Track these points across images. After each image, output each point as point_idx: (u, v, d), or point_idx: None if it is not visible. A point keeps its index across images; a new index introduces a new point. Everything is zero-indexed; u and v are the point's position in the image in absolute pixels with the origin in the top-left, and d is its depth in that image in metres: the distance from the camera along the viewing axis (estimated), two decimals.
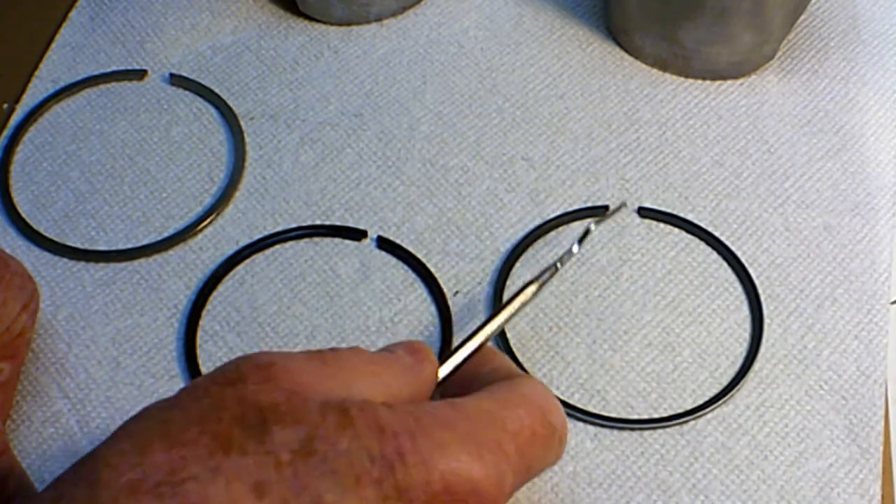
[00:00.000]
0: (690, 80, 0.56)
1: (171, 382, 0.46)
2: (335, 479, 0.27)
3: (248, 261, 0.50)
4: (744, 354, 0.47)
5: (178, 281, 0.49)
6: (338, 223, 0.51)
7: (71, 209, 0.52)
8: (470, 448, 0.29)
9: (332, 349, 0.32)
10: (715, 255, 0.50)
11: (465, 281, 0.49)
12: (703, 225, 0.51)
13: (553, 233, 0.51)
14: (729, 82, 0.56)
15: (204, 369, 0.47)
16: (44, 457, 0.45)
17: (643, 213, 0.51)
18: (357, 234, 0.51)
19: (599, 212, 0.51)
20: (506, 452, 0.30)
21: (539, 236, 0.51)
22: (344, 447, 0.28)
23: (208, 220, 0.51)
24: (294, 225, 0.51)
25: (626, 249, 0.50)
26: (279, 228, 0.51)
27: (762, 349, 0.47)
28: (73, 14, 0.60)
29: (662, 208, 0.51)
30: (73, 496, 0.27)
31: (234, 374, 0.30)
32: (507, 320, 0.41)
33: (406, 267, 0.50)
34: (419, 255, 0.50)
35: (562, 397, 0.46)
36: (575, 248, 0.46)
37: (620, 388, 0.46)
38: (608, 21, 0.59)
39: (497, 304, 0.48)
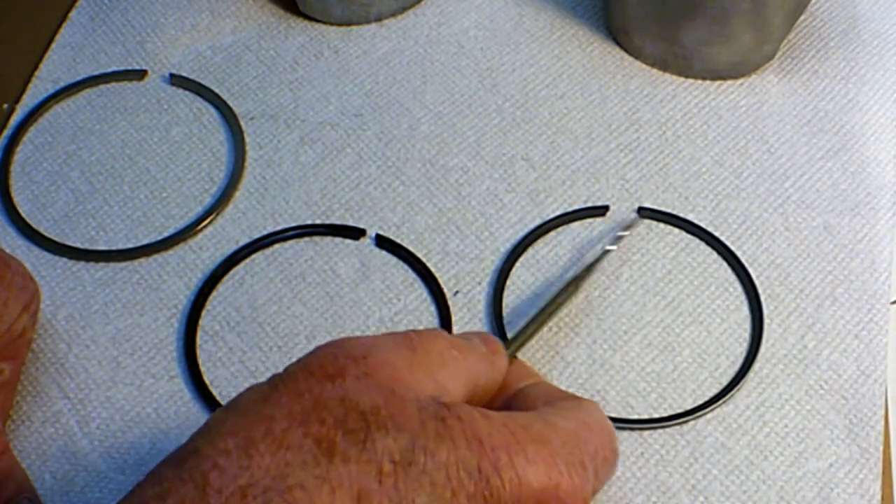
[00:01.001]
0: (690, 80, 0.56)
1: (171, 382, 0.46)
2: (433, 491, 0.28)
3: (247, 260, 0.50)
4: (744, 354, 0.47)
5: (178, 281, 0.49)
6: (338, 223, 0.51)
7: (71, 209, 0.52)
8: (561, 467, 0.30)
9: (416, 332, 0.33)
10: (715, 255, 0.50)
11: (465, 281, 0.49)
12: (703, 225, 0.51)
13: (553, 233, 0.51)
14: (729, 82, 0.56)
15: (204, 369, 0.47)
16: (44, 457, 0.45)
17: (643, 213, 0.51)
18: (356, 233, 0.51)
19: (599, 212, 0.51)
20: (588, 473, 0.31)
21: (539, 236, 0.51)
22: (443, 459, 0.28)
23: (208, 220, 0.51)
24: (294, 225, 0.51)
25: (626, 249, 0.50)
26: (279, 228, 0.51)
27: (762, 349, 0.47)
28: (73, 14, 0.60)
29: (662, 208, 0.51)
30: (182, 497, 0.27)
31: (333, 367, 0.30)
32: (551, 316, 0.44)
33: (406, 267, 0.50)
34: (419, 255, 0.50)
35: None
36: (612, 247, 0.48)
37: (620, 388, 0.46)
38: (608, 21, 0.59)
39: (497, 305, 0.48)
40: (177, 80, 0.56)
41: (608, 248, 0.48)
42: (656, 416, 0.45)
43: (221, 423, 0.29)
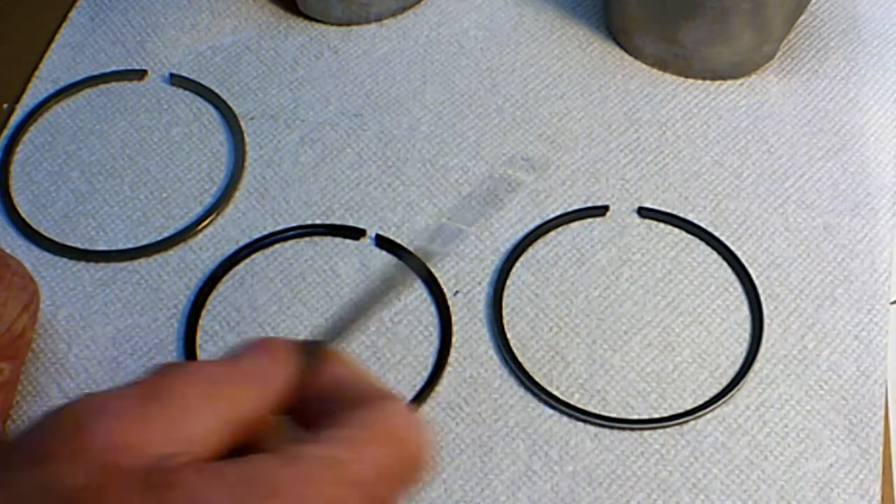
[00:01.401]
0: (690, 80, 0.56)
1: None
2: None
3: (247, 260, 0.50)
4: (744, 354, 0.47)
5: (178, 281, 0.49)
6: (338, 223, 0.51)
7: (71, 209, 0.52)
8: None
9: (164, 374, 0.28)
10: (715, 255, 0.50)
11: (465, 281, 0.49)
12: (703, 225, 0.51)
13: (553, 233, 0.51)
14: (729, 82, 0.56)
15: None
16: None
17: (643, 213, 0.51)
18: (355, 233, 0.51)
19: (599, 212, 0.51)
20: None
21: (539, 236, 0.51)
22: None
23: (208, 220, 0.51)
24: (294, 225, 0.51)
25: (626, 249, 0.50)
26: (279, 228, 0.51)
27: (762, 349, 0.47)
28: (73, 14, 0.59)
29: (662, 208, 0.51)
30: None
31: (40, 448, 0.27)
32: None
33: (406, 267, 0.50)
34: (419, 255, 0.50)
35: (562, 397, 0.46)
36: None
37: (620, 388, 0.46)
38: (608, 21, 0.59)
39: (497, 305, 0.48)
40: (177, 80, 0.56)
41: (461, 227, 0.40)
42: (656, 416, 0.45)
43: None
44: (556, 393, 0.46)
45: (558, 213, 0.51)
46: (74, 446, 0.26)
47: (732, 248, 0.50)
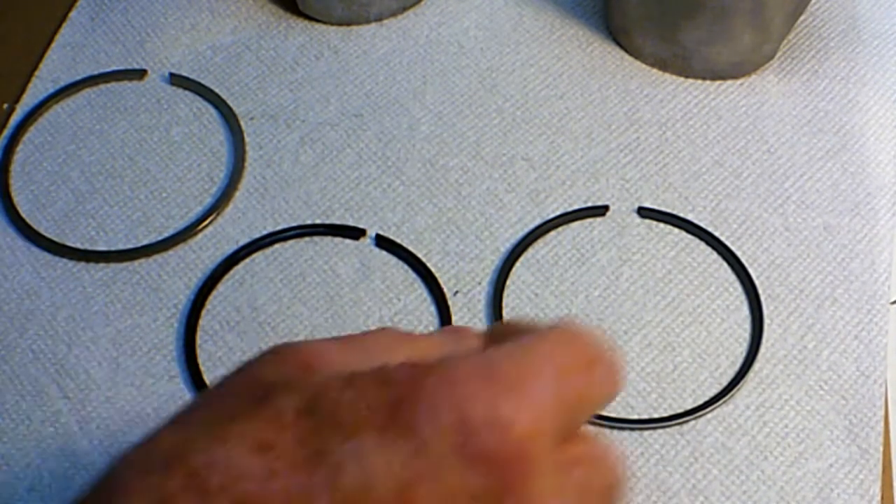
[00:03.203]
0: (690, 80, 0.56)
1: (170, 383, 0.46)
2: (337, 429, 0.26)
3: (247, 260, 0.50)
4: (744, 354, 0.47)
5: (178, 281, 0.49)
6: (337, 223, 0.51)
7: (71, 209, 0.52)
8: (483, 384, 0.26)
9: (364, 332, 0.31)
10: (715, 255, 0.50)
11: (465, 281, 0.49)
12: (703, 225, 0.51)
13: (553, 233, 0.51)
14: (729, 82, 0.56)
15: (204, 369, 0.47)
16: (43, 455, 0.45)
17: (643, 213, 0.51)
18: (356, 233, 0.51)
19: (599, 212, 0.51)
20: (532, 392, 0.27)
21: (539, 236, 0.51)
22: (348, 399, 0.26)
23: (208, 220, 0.51)
24: (294, 225, 0.51)
25: (626, 249, 0.50)
26: (278, 228, 0.51)
27: (762, 349, 0.47)
28: (73, 14, 0.59)
29: (662, 208, 0.51)
30: (85, 494, 0.27)
31: (243, 366, 0.29)
32: None
33: (406, 266, 0.50)
34: (419, 255, 0.50)
35: None
36: None
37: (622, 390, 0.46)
38: (608, 21, 0.59)
39: (497, 305, 0.48)
40: (177, 80, 0.56)
41: None
42: (656, 416, 0.45)
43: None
44: None
45: (558, 213, 0.51)
46: (281, 356, 0.29)
47: (732, 248, 0.50)
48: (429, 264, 0.50)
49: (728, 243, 0.50)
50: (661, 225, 0.51)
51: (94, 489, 0.27)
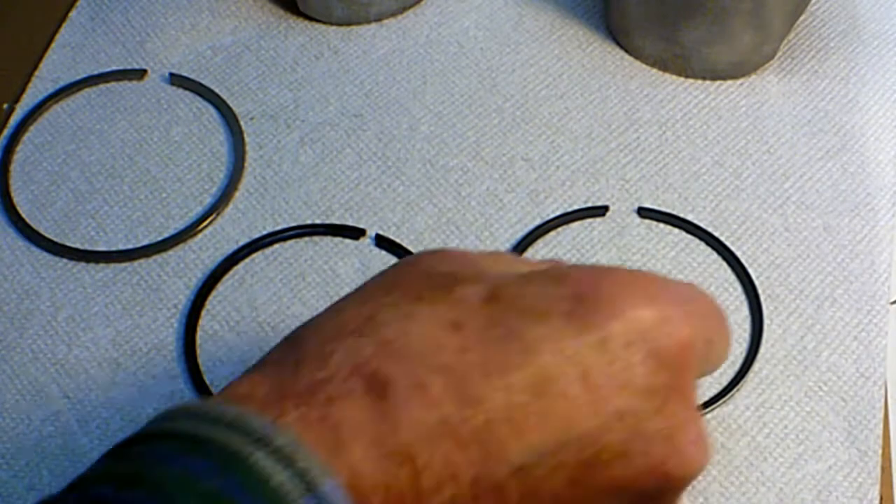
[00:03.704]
0: (690, 80, 0.56)
1: (171, 383, 0.46)
2: (526, 314, 0.27)
3: (247, 260, 0.50)
4: (743, 355, 0.47)
5: (178, 281, 0.49)
6: (337, 223, 0.51)
7: (71, 209, 0.52)
8: (654, 290, 0.29)
9: (483, 252, 0.33)
10: (715, 255, 0.50)
11: None
12: (703, 225, 0.51)
13: (553, 233, 0.51)
14: (729, 82, 0.56)
15: (204, 369, 0.47)
16: (42, 454, 0.45)
17: (643, 213, 0.51)
18: (355, 233, 0.51)
19: (599, 212, 0.51)
20: (687, 309, 0.29)
21: (539, 236, 0.51)
22: (531, 291, 0.28)
23: (208, 220, 0.51)
24: (293, 225, 0.51)
25: (626, 249, 0.50)
26: (278, 228, 0.51)
27: (762, 350, 0.47)
28: (73, 14, 0.59)
29: (662, 208, 0.51)
30: (279, 357, 0.28)
31: (411, 258, 0.31)
32: None
33: None
34: None
35: None
36: None
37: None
38: (608, 21, 0.59)
39: None
40: (177, 80, 0.56)
41: None
42: None
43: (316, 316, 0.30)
44: None
45: (558, 213, 0.51)
46: (441, 256, 0.31)
47: (732, 248, 0.50)
48: None
49: (728, 243, 0.50)
50: (661, 225, 0.51)
51: (280, 350, 0.28)
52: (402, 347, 0.27)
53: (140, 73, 0.57)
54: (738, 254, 0.50)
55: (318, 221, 0.51)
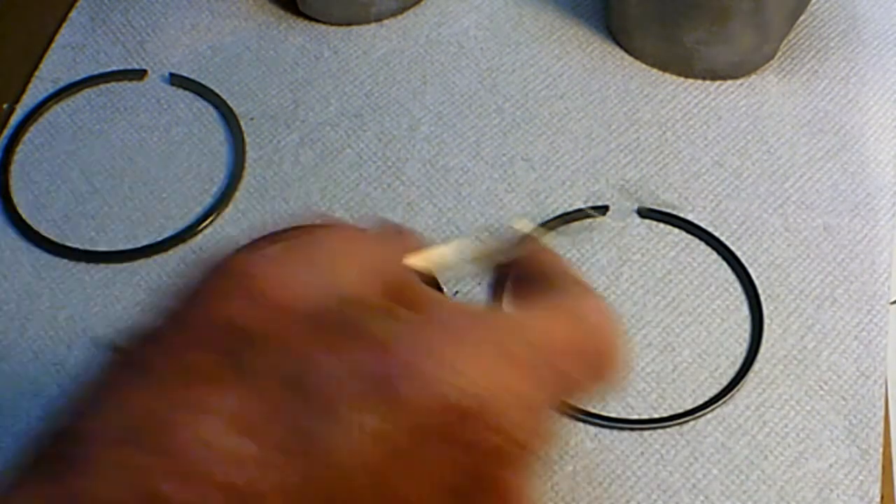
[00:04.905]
0: (690, 80, 0.56)
1: None
2: (321, 404, 0.24)
3: None
4: (744, 354, 0.47)
5: (178, 281, 0.49)
6: None
7: (71, 210, 0.52)
8: (481, 361, 0.25)
9: (307, 230, 0.29)
10: (715, 255, 0.50)
11: (465, 281, 0.49)
12: (703, 225, 0.51)
13: (553, 233, 0.51)
14: (729, 82, 0.56)
15: None
16: None
17: (643, 213, 0.51)
18: None
19: (599, 212, 0.51)
20: (526, 366, 0.26)
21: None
22: (332, 368, 0.24)
23: (208, 221, 0.51)
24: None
25: (626, 249, 0.50)
26: (278, 228, 0.51)
27: (762, 349, 0.47)
28: (73, 14, 0.59)
29: (662, 208, 0.51)
30: (42, 454, 0.25)
31: (209, 284, 0.27)
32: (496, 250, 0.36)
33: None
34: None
35: None
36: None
37: (620, 388, 0.46)
38: (608, 21, 0.59)
39: (497, 305, 0.48)
40: (177, 80, 0.56)
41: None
42: (656, 416, 0.45)
43: (98, 374, 0.26)
44: None
45: (558, 213, 0.51)
46: (247, 289, 0.26)
47: (732, 248, 0.50)
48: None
49: (728, 243, 0.50)
50: (661, 225, 0.51)
51: (53, 445, 0.25)
52: (181, 462, 0.23)
53: (140, 73, 0.57)
54: (738, 254, 0.50)
55: (318, 221, 0.51)
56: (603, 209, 0.51)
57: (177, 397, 0.24)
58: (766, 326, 0.48)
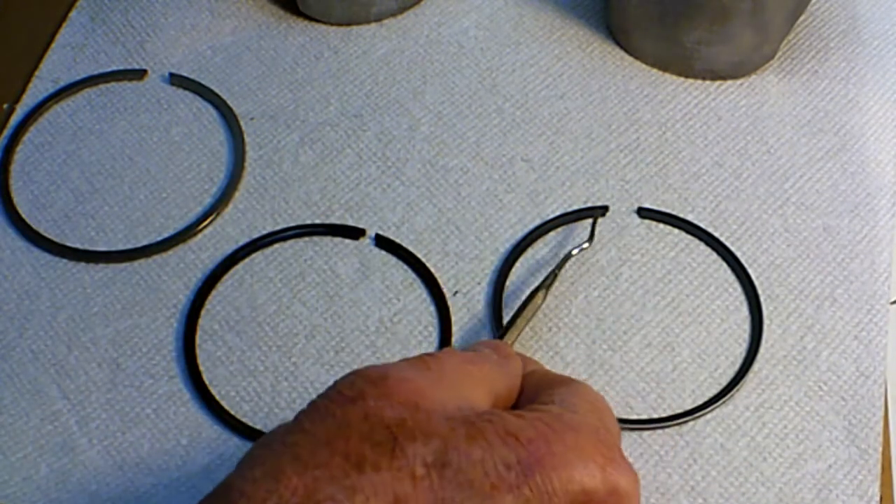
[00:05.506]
0: (690, 81, 0.56)
1: (170, 383, 0.46)
2: (471, 487, 0.27)
3: (246, 260, 0.50)
4: (743, 355, 0.47)
5: (178, 281, 0.49)
6: (337, 223, 0.51)
7: (71, 209, 0.52)
8: (602, 450, 0.30)
9: (429, 354, 0.33)
10: (715, 255, 0.50)
11: (465, 281, 0.49)
12: (702, 225, 0.51)
13: (553, 233, 0.51)
14: (729, 82, 0.56)
15: (203, 369, 0.47)
16: (41, 450, 0.45)
17: (643, 213, 0.51)
18: (355, 233, 0.51)
19: (599, 212, 0.51)
20: (623, 455, 0.31)
21: (539, 236, 0.51)
22: (477, 457, 0.28)
23: (208, 221, 0.51)
24: (293, 224, 0.51)
25: (626, 249, 0.50)
26: (278, 228, 0.51)
27: (761, 350, 0.47)
28: (73, 14, 0.60)
29: (662, 208, 0.51)
30: None
31: (352, 391, 0.30)
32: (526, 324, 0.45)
33: (406, 267, 0.50)
34: (419, 255, 0.50)
35: None
36: (575, 251, 0.48)
37: (620, 389, 0.46)
38: (608, 21, 0.59)
39: (497, 305, 0.48)
40: (177, 80, 0.56)
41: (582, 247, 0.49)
42: (656, 416, 0.45)
43: (250, 457, 0.29)
44: None
45: (558, 213, 0.51)
46: (383, 390, 0.30)
47: (732, 248, 0.50)
48: (428, 264, 0.50)
49: (728, 244, 0.50)
50: (661, 225, 0.51)
51: None
52: None
53: (140, 73, 0.57)
54: (738, 254, 0.50)
55: (318, 221, 0.51)
56: (603, 209, 0.51)
57: (334, 480, 0.27)
58: (765, 327, 0.48)
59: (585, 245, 0.49)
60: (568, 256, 0.48)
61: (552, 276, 0.47)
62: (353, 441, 0.28)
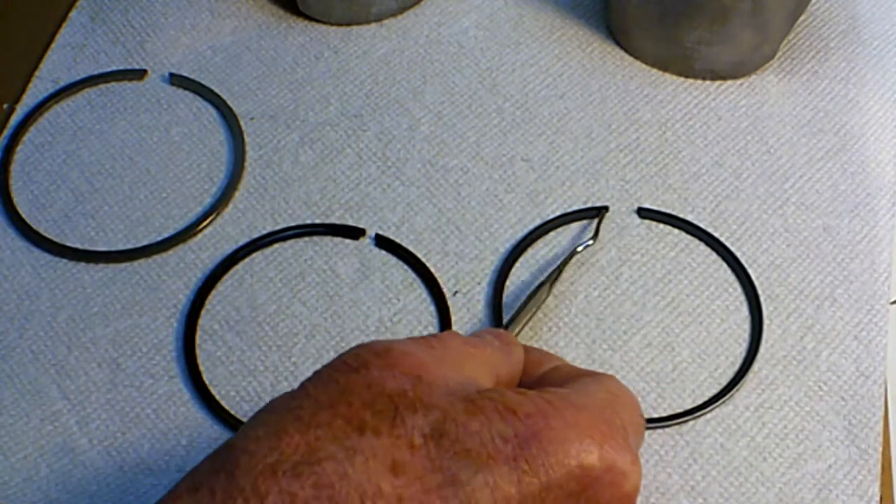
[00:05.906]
0: (690, 81, 0.56)
1: (170, 383, 0.46)
2: (468, 458, 0.28)
3: (246, 260, 0.50)
4: (743, 355, 0.47)
5: (178, 281, 0.49)
6: (337, 223, 0.51)
7: (71, 209, 0.52)
8: (602, 429, 0.30)
9: (432, 335, 0.34)
10: (714, 255, 0.50)
11: (465, 281, 0.49)
12: (702, 226, 0.51)
13: (553, 233, 0.51)
14: (729, 82, 0.56)
15: (203, 369, 0.47)
16: (41, 450, 0.45)
17: (643, 213, 0.51)
18: (355, 233, 0.51)
19: (599, 212, 0.51)
20: (628, 438, 0.31)
21: (539, 237, 0.51)
22: (475, 429, 0.28)
23: (208, 220, 0.51)
24: (293, 224, 0.51)
25: (626, 249, 0.50)
26: (278, 228, 0.51)
27: (761, 350, 0.47)
28: (73, 14, 0.60)
29: (662, 209, 0.51)
30: (212, 484, 0.27)
31: (356, 361, 0.31)
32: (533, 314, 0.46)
33: (406, 267, 0.50)
34: (419, 255, 0.50)
35: None
36: (580, 248, 0.49)
37: None
38: (608, 21, 0.59)
39: (497, 305, 0.48)
40: (177, 80, 0.56)
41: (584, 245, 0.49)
42: (656, 416, 0.45)
43: (254, 419, 0.30)
44: None
45: (558, 213, 0.51)
46: (387, 361, 0.30)
47: (732, 248, 0.50)
48: (428, 264, 0.50)
49: (728, 244, 0.50)
50: (661, 225, 0.51)
51: (212, 472, 0.28)
52: (340, 493, 0.26)
53: (140, 73, 0.57)
54: (738, 254, 0.50)
55: (318, 221, 0.51)
56: (603, 209, 0.51)
57: (336, 440, 0.27)
58: (765, 327, 0.48)
59: (591, 242, 0.49)
60: (573, 253, 0.48)
61: (557, 272, 0.47)
62: (355, 406, 0.29)
